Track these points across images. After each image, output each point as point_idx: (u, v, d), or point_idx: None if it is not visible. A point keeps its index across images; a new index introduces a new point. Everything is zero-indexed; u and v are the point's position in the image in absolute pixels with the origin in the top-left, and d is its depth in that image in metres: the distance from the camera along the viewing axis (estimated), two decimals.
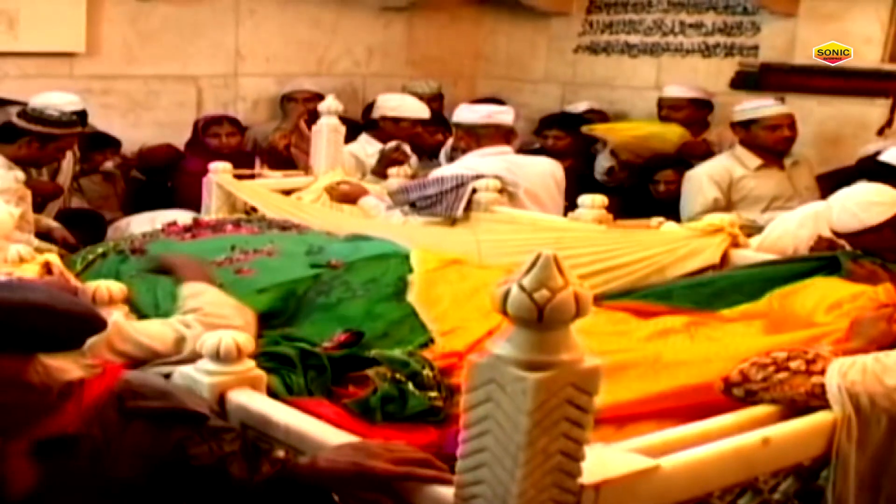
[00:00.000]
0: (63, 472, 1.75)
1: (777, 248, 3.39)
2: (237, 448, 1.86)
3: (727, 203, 4.70)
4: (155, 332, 2.26)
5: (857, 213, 3.03)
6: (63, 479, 1.75)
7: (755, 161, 4.78)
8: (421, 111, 5.38)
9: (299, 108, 5.48)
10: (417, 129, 5.31)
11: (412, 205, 3.97)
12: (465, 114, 4.38)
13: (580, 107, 5.97)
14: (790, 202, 4.59)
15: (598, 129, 5.51)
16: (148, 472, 1.79)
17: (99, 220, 4.61)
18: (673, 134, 5.38)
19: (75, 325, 1.73)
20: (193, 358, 2.16)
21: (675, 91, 5.59)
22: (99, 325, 1.80)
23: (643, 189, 5.16)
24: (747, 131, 4.81)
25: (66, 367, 1.72)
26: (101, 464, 1.77)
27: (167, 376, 2.11)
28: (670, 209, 4.48)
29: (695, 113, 5.50)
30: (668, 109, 5.55)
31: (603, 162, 5.49)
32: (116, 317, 2.30)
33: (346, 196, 4.29)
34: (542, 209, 4.11)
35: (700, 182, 4.77)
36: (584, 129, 5.47)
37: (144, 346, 2.20)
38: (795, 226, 3.43)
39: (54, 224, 4.16)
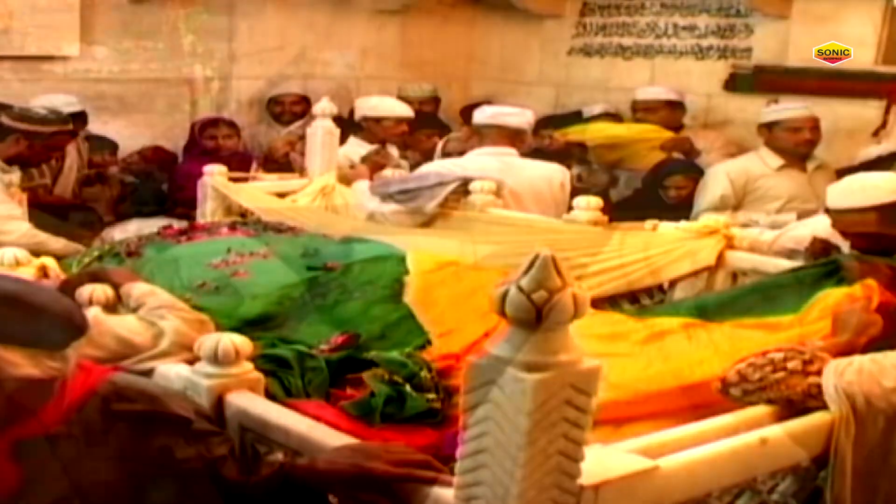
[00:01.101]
0: (44, 472, 1.73)
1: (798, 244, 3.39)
2: (227, 451, 1.84)
3: (738, 201, 4.73)
4: (133, 325, 2.26)
5: (853, 191, 3.00)
6: (44, 480, 1.73)
7: (777, 161, 4.82)
8: (401, 109, 5.36)
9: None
10: (403, 126, 5.30)
11: (390, 196, 3.99)
12: (476, 114, 4.59)
13: (595, 109, 5.94)
14: (807, 204, 4.61)
15: (573, 132, 5.48)
16: (132, 475, 1.76)
17: (97, 218, 4.60)
18: (646, 130, 5.38)
19: (50, 322, 1.70)
20: (172, 351, 2.17)
21: (649, 93, 5.60)
22: (78, 327, 1.77)
23: (654, 194, 5.14)
24: (770, 132, 4.86)
25: (20, 362, 1.66)
26: (82, 465, 1.74)
27: (149, 372, 2.11)
28: (681, 214, 4.46)
29: (669, 115, 5.52)
30: (642, 112, 5.56)
31: (574, 168, 5.48)
32: (95, 311, 2.31)
33: (344, 178, 4.38)
34: (523, 211, 4.12)
35: (714, 178, 4.83)
36: (558, 133, 5.45)
37: (124, 339, 2.18)
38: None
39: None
